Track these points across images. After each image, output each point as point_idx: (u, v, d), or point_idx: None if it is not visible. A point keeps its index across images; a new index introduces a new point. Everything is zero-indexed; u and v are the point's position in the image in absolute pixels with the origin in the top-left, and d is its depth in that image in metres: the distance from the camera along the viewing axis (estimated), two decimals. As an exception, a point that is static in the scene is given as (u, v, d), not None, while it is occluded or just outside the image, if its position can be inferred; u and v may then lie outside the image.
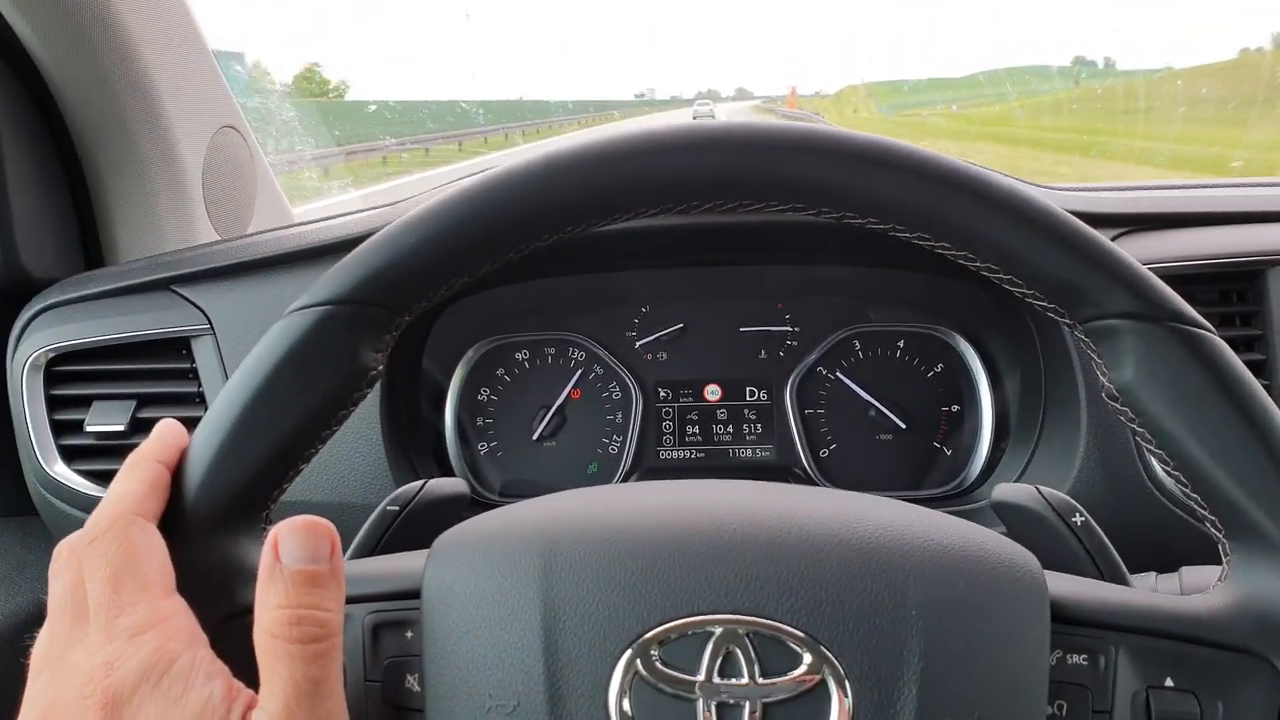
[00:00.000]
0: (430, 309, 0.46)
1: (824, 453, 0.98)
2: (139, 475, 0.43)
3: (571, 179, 0.44)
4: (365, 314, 0.44)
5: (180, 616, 0.39)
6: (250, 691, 0.38)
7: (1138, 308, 0.43)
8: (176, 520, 0.43)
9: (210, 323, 0.86)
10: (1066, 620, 0.41)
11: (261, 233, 0.99)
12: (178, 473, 0.44)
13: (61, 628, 0.39)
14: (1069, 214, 0.44)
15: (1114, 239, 0.85)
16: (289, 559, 0.38)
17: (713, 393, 1.00)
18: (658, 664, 0.38)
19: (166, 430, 0.45)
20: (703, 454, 0.99)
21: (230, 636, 0.40)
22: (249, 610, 0.40)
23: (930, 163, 0.44)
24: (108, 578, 0.39)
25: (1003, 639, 0.39)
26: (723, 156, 0.44)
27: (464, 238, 0.44)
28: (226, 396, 0.44)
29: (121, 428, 0.83)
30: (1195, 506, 0.44)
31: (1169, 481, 0.75)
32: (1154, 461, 0.45)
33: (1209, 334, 0.43)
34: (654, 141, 0.44)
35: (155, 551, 0.40)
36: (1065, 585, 0.43)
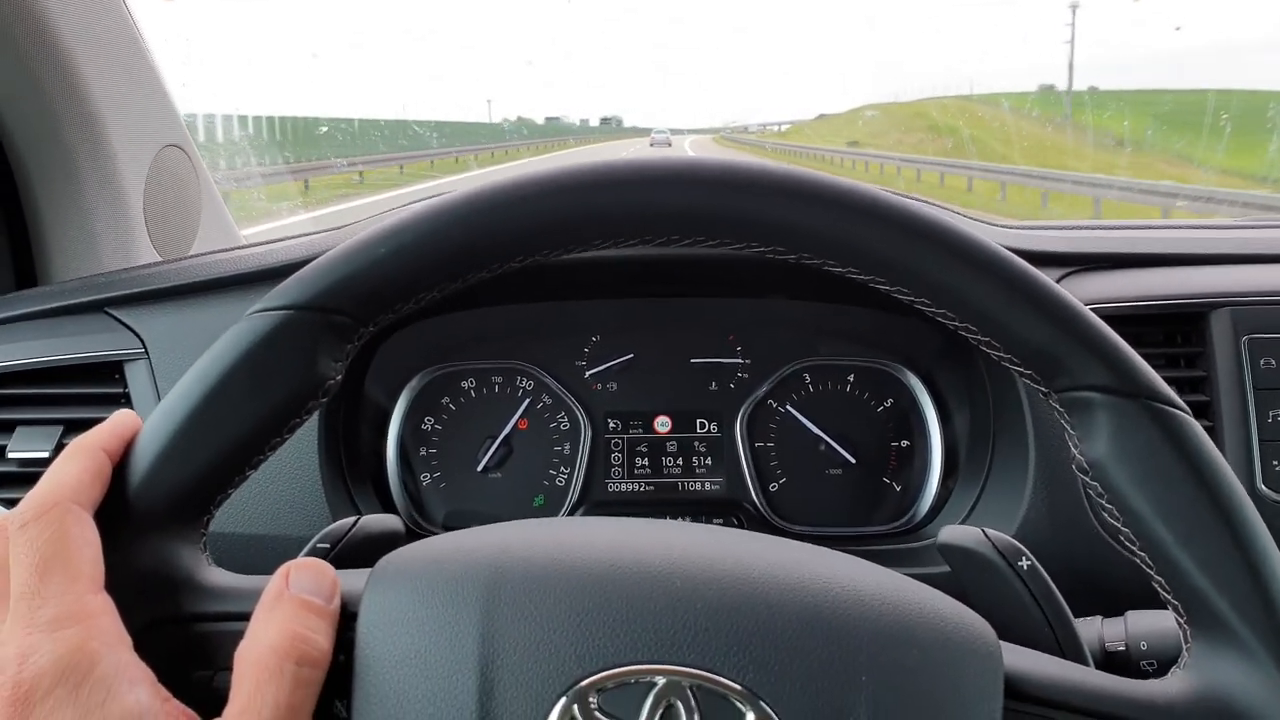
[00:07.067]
0: (375, 333, 0.45)
1: (774, 487, 0.97)
2: (82, 462, 0.41)
3: (556, 202, 0.43)
4: (329, 321, 0.43)
5: (106, 616, 0.37)
6: (183, 707, 0.36)
7: (1113, 382, 0.42)
8: (114, 515, 0.41)
9: (145, 347, 0.83)
10: (1021, 697, 0.40)
11: (204, 254, 0.97)
12: (121, 466, 0.42)
13: None
14: (1051, 281, 0.43)
15: (1060, 279, 0.86)
16: (296, 588, 0.39)
17: (662, 424, 0.99)
18: (596, 712, 0.37)
19: (120, 419, 0.44)
20: (652, 487, 0.98)
21: (153, 644, 0.39)
22: (177, 619, 0.39)
23: (916, 217, 0.43)
24: (35, 565, 0.37)
25: (953, 712, 0.38)
26: (710, 194, 0.43)
27: (439, 252, 0.44)
28: (178, 394, 0.42)
29: (46, 454, 0.80)
30: (1159, 590, 0.43)
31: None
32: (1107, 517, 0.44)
33: (1183, 414, 0.42)
34: (652, 171, 0.44)
35: (89, 543, 0.39)
36: (1022, 660, 0.41)
